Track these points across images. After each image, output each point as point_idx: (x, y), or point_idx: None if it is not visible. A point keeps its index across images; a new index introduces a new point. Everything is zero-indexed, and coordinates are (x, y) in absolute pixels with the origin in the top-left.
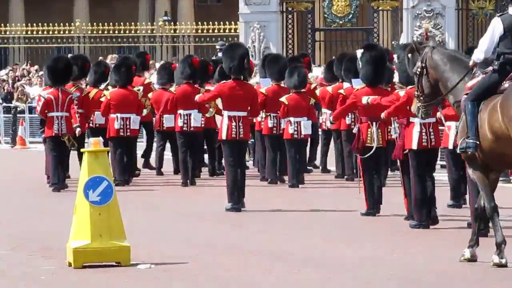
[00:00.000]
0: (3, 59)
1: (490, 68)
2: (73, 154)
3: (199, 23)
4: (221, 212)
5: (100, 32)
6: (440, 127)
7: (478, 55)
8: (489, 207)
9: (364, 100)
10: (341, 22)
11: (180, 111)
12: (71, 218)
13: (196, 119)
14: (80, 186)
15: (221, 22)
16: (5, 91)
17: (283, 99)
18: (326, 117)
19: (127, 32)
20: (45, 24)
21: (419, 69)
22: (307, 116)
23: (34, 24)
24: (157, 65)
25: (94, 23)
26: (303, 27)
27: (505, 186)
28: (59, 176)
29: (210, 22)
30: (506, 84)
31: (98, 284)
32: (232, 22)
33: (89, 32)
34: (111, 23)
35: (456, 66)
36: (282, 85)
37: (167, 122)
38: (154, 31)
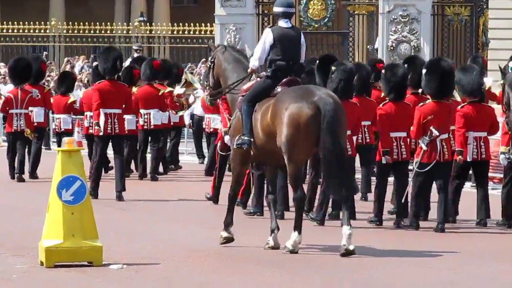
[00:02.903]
0: None
1: (264, 73)
2: (50, 154)
3: (175, 24)
4: (193, 212)
5: (75, 31)
6: None
7: (253, 62)
8: (232, 193)
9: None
10: (316, 25)
11: (141, 111)
12: (44, 216)
13: (156, 118)
14: (53, 185)
15: (197, 24)
16: None
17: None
18: None
19: (102, 32)
20: (21, 22)
21: (209, 63)
22: None
23: (10, 23)
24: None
25: (70, 23)
26: None
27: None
28: (13, 169)
29: (186, 24)
30: (279, 89)
31: (70, 283)
32: (208, 24)
33: (65, 31)
34: (86, 23)
35: (237, 68)
36: None
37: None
38: (130, 32)
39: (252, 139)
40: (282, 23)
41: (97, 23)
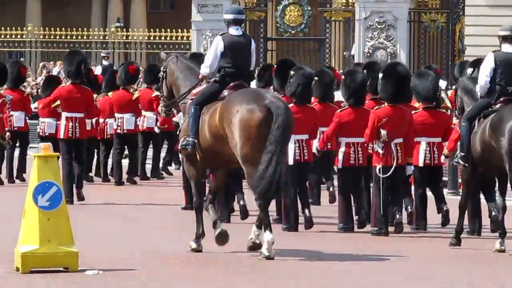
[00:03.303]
0: None
1: (213, 78)
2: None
3: (151, 30)
4: (170, 218)
5: (52, 37)
6: None
7: (204, 69)
8: (197, 203)
9: None
10: (293, 31)
11: (115, 115)
12: (20, 222)
13: (129, 122)
14: (29, 191)
15: (174, 30)
16: None
17: None
18: None
19: (79, 37)
20: None
21: (161, 74)
22: None
23: None
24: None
25: (47, 28)
26: (256, 36)
27: (453, 198)
28: None
29: (163, 29)
30: (225, 92)
31: None
32: (185, 30)
33: (41, 37)
34: (63, 28)
35: (189, 76)
36: None
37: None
38: (107, 37)
39: (196, 141)
40: (233, 31)
41: (74, 28)
